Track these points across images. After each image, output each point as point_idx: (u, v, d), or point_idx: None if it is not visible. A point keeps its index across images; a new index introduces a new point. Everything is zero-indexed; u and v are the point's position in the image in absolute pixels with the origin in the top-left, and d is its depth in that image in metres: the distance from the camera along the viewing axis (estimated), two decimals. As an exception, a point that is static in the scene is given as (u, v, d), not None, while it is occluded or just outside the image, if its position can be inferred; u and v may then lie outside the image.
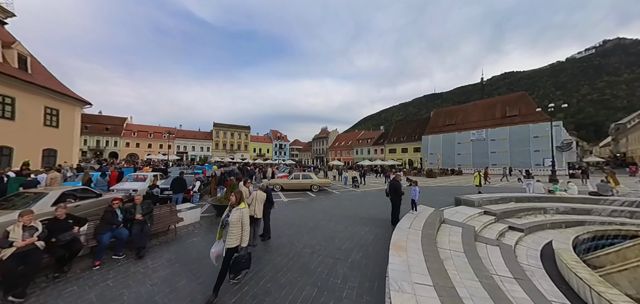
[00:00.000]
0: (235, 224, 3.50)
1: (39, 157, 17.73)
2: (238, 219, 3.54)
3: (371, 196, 12.82)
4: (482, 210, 8.48)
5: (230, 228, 3.50)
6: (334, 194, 13.57)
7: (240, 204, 3.72)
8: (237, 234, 3.49)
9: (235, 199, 3.77)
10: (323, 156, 75.16)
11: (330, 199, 11.64)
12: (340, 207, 9.95)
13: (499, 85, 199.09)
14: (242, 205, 3.72)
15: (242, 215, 3.58)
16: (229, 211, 3.73)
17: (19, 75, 16.58)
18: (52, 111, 18.93)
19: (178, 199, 8.19)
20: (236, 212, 3.61)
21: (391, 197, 7.22)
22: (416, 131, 49.43)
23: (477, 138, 36.72)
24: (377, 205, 10.18)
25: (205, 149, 65.59)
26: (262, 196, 5.58)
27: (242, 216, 3.57)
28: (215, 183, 10.44)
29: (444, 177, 29.08)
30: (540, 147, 30.94)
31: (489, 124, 36.63)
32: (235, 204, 3.74)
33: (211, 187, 10.71)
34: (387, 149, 53.54)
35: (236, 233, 3.49)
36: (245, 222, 3.57)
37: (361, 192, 14.38)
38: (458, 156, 38.88)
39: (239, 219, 3.54)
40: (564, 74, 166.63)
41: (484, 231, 6.73)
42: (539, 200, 10.33)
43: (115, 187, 9.40)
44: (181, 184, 8.51)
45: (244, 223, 3.56)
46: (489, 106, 40.01)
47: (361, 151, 61.27)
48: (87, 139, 54.93)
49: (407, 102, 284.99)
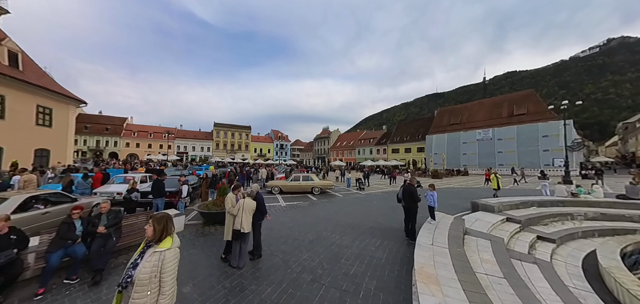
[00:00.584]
0: (145, 284, 1.88)
1: (31, 158, 17.10)
2: (153, 273, 1.92)
3: (378, 199, 11.89)
4: (503, 217, 7.62)
5: (135, 292, 1.88)
6: (337, 197, 12.64)
7: (164, 242, 2.07)
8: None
9: (152, 233, 2.06)
10: (324, 156, 74.33)
11: (333, 203, 10.74)
12: (344, 213, 8.89)
13: (501, 84, 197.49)
14: (165, 244, 2.06)
15: (162, 263, 1.96)
16: (139, 256, 2.05)
17: (8, 72, 15.95)
18: (44, 110, 18.33)
19: (159, 205, 7.31)
20: (152, 257, 1.98)
21: (405, 205, 6.26)
22: (420, 131, 48.49)
23: (484, 138, 35.75)
24: (385, 211, 9.31)
25: (206, 149, 64.98)
26: (250, 206, 4.65)
27: (163, 265, 1.96)
28: (206, 186, 9.66)
29: (450, 178, 28.18)
30: (549, 146, 29.95)
31: (495, 123, 35.63)
32: (153, 241, 2.07)
33: (202, 190, 9.85)
34: (390, 149, 52.63)
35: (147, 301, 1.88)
36: (166, 279, 1.96)
37: (366, 195, 13.54)
38: (463, 156, 37.91)
39: (154, 273, 1.92)
40: (567, 73, 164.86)
41: (513, 243, 5.87)
42: (562, 204, 9.46)
43: (99, 190, 8.65)
44: (159, 188, 7.33)
45: (164, 281, 1.95)
46: (495, 105, 38.97)
47: (363, 151, 60.40)
48: (86, 139, 54.48)
49: (408, 102, 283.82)
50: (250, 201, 4.73)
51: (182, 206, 7.80)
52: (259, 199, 5.00)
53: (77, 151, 52.76)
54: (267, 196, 12.30)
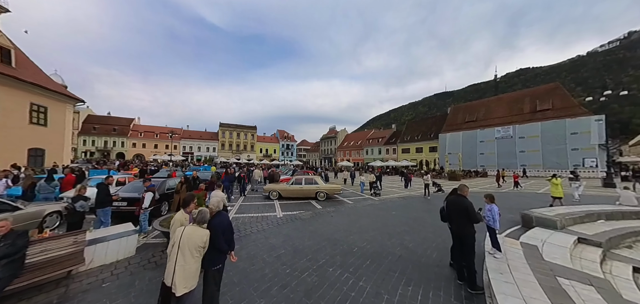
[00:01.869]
0: None
1: (25, 157, 16.31)
2: None
3: (397, 208, 9.67)
4: (571, 236, 5.83)
5: None
6: (346, 204, 10.47)
7: None
8: None
9: None
10: (331, 156, 72.63)
11: (342, 214, 8.59)
12: (358, 230, 6.68)
13: (513, 82, 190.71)
14: None
15: None
16: None
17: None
18: (39, 108, 17.51)
19: (102, 219, 5.55)
20: None
21: (457, 229, 4.07)
22: (432, 129, 46.17)
23: (503, 136, 33.24)
24: (410, 225, 7.15)
25: (211, 150, 64.42)
26: (194, 241, 2.67)
27: None
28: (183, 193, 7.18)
29: (467, 180, 26.03)
30: (579, 145, 27.34)
31: (516, 119, 33.04)
32: None
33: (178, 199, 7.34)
34: (400, 149, 50.46)
35: None
36: None
37: (381, 202, 11.29)
38: (480, 156, 35.50)
39: None
40: (585, 68, 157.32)
41: (622, 285, 4.10)
42: (637, 216, 7.54)
43: (66, 194, 7.35)
44: (103, 197, 5.61)
45: None
46: (515, 100, 36.22)
47: (372, 151, 58.39)
48: (95, 139, 54.69)
49: (416, 101, 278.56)
50: (198, 232, 2.72)
51: (145, 220, 5.97)
52: (217, 227, 2.92)
53: (86, 151, 53.07)
54: (264, 203, 10.79)
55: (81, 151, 52.74)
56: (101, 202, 5.54)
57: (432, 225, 7.19)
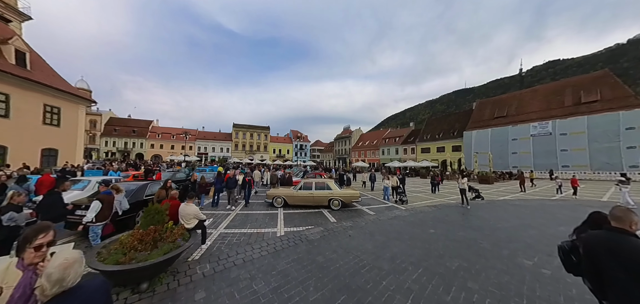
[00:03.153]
0: None
1: (38, 157, 16.34)
2: None
3: (436, 225, 7.12)
4: None
5: None
6: (367, 216, 8.24)
7: None
8: None
9: None
10: (346, 156, 70.61)
11: (363, 233, 6.33)
12: (392, 271, 4.23)
13: (541, 75, 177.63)
14: None
15: None
16: None
17: (14, 71, 15.15)
18: (52, 109, 17.57)
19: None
20: None
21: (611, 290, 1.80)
22: (455, 127, 42.86)
23: (541, 132, 29.59)
24: (469, 260, 4.62)
25: (225, 150, 64.90)
26: None
27: None
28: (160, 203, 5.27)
29: (500, 183, 23.18)
30: (636, 142, 23.47)
31: (556, 113, 29.23)
32: None
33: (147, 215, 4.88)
34: (419, 149, 47.47)
35: None
36: None
37: (410, 213, 8.89)
38: (513, 156, 32.00)
39: None
40: (625, 58, 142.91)
41: None
42: None
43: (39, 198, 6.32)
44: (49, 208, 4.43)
45: None
46: (554, 91, 32.12)
47: (388, 150, 55.71)
48: (115, 140, 56.79)
49: (434, 99, 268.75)
50: None
51: (96, 237, 4.49)
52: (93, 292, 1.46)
53: (107, 152, 55.23)
54: (265, 212, 8.88)
55: (103, 151, 54.95)
56: (49, 213, 4.25)
57: (500, 258, 4.78)
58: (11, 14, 22.30)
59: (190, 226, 4.62)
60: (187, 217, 4.69)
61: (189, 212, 4.72)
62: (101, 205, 4.48)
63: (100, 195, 4.76)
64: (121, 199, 5.09)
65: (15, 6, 23.41)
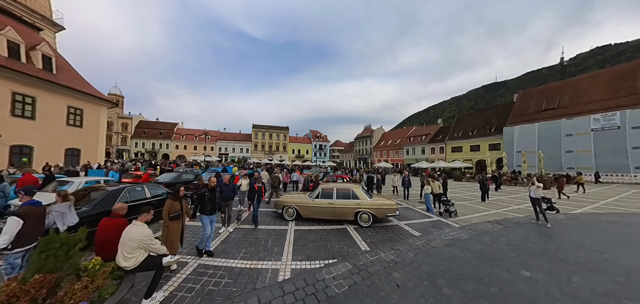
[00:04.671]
0: None
1: (62, 157, 16.74)
2: None
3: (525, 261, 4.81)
4: None
5: None
6: (412, 241, 5.89)
7: None
8: None
9: None
10: (367, 157, 67.70)
11: (415, 274, 4.21)
12: None
13: (587, 64, 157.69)
14: None
15: None
16: None
17: (40, 74, 15.43)
18: (75, 111, 17.86)
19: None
20: None
21: None
22: (491, 122, 38.30)
23: (605, 126, 24.69)
24: None
25: (245, 151, 65.50)
26: None
27: None
28: None
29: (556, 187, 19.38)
30: None
31: (625, 102, 24.04)
32: None
33: None
34: (449, 147, 43.33)
35: None
36: None
37: (470, 233, 6.55)
38: (567, 155, 27.28)
39: None
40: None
41: None
42: None
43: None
44: None
45: None
46: (621, 75, 26.47)
47: (413, 150, 51.96)
48: (144, 142, 59.75)
49: (460, 95, 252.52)
50: None
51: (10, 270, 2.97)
52: None
53: (137, 153, 58.24)
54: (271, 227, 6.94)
55: (133, 152, 58.05)
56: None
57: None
58: (45, 24, 23.47)
59: (127, 265, 3.00)
60: (127, 247, 3.02)
61: (131, 239, 3.06)
62: (22, 222, 3.01)
63: (22, 207, 3.24)
64: (64, 211, 3.62)
65: (50, 18, 24.73)
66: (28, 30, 18.07)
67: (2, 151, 13.76)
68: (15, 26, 16.09)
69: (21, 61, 15.11)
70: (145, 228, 3.26)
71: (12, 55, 14.76)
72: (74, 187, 6.34)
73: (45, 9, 24.23)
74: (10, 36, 14.73)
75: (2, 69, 13.42)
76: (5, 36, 14.50)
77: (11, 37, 14.77)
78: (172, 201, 4.38)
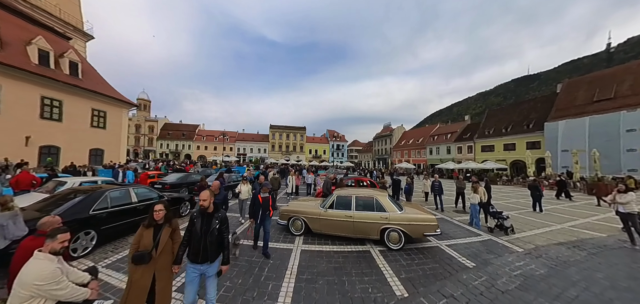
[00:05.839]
0: None
1: (87, 157, 17.35)
2: None
3: None
4: None
5: None
6: (465, 276, 4.24)
7: None
8: None
9: None
10: (386, 157, 65.03)
11: None
12: None
13: (638, 50, 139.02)
14: None
15: None
16: None
17: (66, 79, 16.02)
18: (99, 113, 18.42)
19: None
20: None
21: None
22: (529, 117, 34.34)
23: (679, 120, 20.72)
24: None
25: (262, 151, 65.98)
26: None
27: None
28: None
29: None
30: None
31: None
32: None
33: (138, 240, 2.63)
34: (479, 146, 39.75)
35: None
36: None
37: (541, 263, 4.88)
38: (627, 154, 23.32)
39: None
40: None
41: None
42: None
43: None
44: None
45: None
46: None
47: (437, 149, 48.66)
48: (168, 143, 62.51)
49: (487, 90, 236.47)
50: None
51: None
52: None
53: (162, 153, 61.06)
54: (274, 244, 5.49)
55: (159, 152, 60.97)
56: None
57: None
58: (76, 34, 24.86)
59: None
60: (16, 298, 1.88)
61: (21, 283, 1.90)
62: None
63: None
64: (5, 223, 2.77)
65: (81, 28, 26.23)
66: (58, 39, 18.93)
67: (32, 151, 14.34)
68: (46, 36, 16.83)
69: (50, 67, 15.76)
70: (47, 263, 2.01)
71: (42, 62, 15.47)
72: (68, 186, 5.80)
73: (77, 21, 25.73)
74: (41, 45, 15.55)
75: (32, 76, 14.05)
76: (37, 45, 15.30)
77: (42, 45, 15.58)
78: (144, 229, 2.69)
